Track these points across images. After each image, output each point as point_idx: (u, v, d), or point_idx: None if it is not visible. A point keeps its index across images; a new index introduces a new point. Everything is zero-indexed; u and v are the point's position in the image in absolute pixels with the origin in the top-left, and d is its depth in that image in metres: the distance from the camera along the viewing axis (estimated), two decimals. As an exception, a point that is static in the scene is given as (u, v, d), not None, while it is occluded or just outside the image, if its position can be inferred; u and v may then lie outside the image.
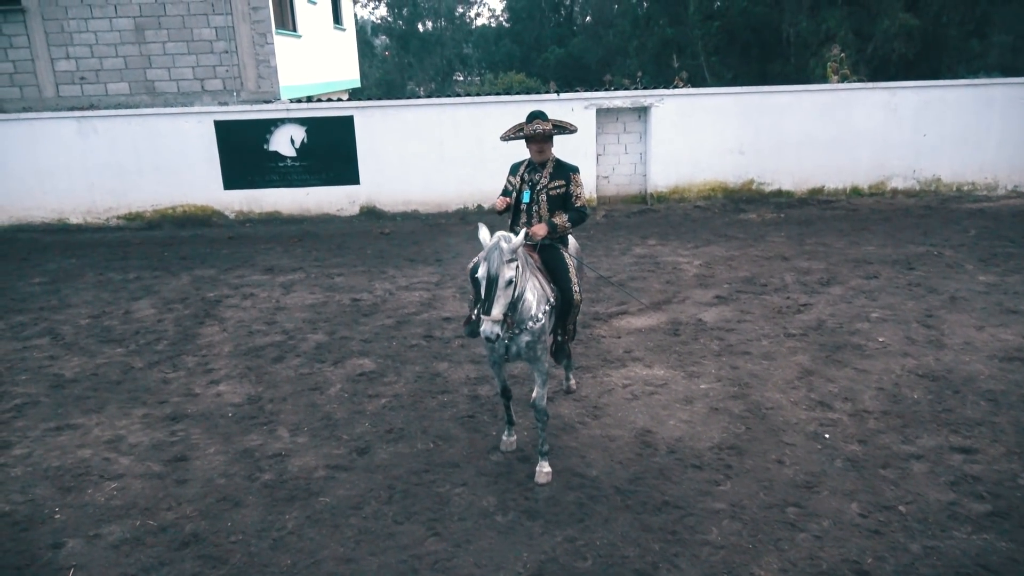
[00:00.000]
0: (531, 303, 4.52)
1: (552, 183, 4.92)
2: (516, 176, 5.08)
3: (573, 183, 4.95)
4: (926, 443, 5.01)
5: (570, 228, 4.96)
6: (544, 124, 4.83)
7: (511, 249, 4.15)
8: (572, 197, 4.94)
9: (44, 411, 5.97)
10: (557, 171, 4.95)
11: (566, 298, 4.88)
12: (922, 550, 3.92)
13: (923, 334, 6.95)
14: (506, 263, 4.14)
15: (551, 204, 4.92)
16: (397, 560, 3.99)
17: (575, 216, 4.96)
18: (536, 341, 4.58)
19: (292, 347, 7.19)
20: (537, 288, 4.64)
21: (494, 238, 4.24)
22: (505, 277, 4.12)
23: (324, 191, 13.23)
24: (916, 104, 13.27)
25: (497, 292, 4.12)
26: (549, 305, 4.68)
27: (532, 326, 4.53)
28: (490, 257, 4.15)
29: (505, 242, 4.18)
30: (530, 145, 4.89)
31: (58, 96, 14.32)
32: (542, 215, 4.93)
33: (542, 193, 4.91)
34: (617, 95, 13.36)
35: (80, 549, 4.18)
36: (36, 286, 9.70)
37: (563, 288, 4.87)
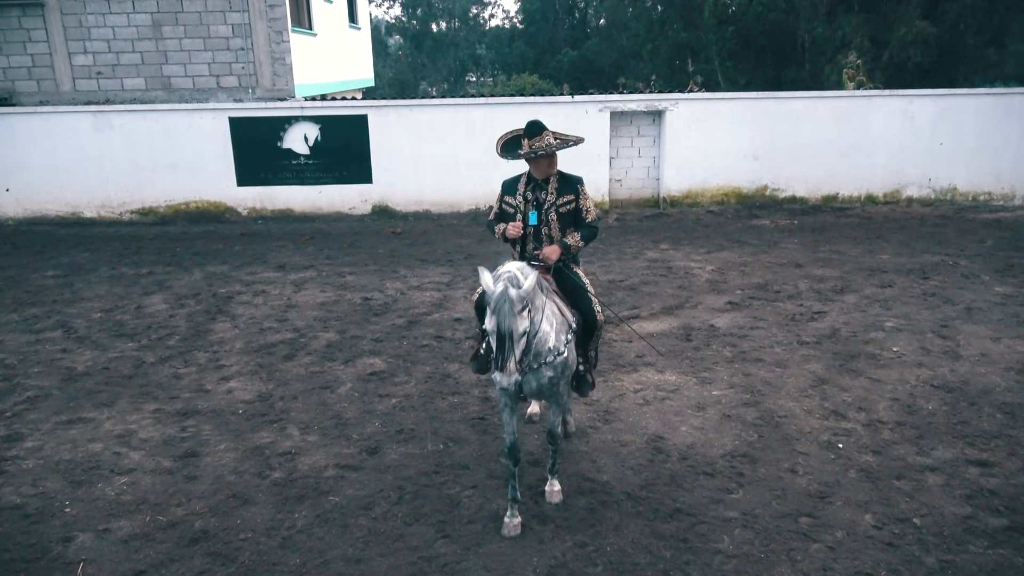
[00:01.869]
0: (549, 334, 4.03)
1: (560, 199, 4.47)
2: (516, 196, 4.56)
3: (582, 196, 4.52)
4: (941, 455, 4.96)
5: (583, 247, 4.56)
6: (546, 138, 4.39)
7: (522, 296, 3.61)
8: (583, 212, 4.52)
9: (56, 404, 5.99)
10: (563, 185, 4.51)
11: (588, 321, 4.46)
12: (937, 564, 3.87)
13: (938, 344, 6.88)
14: (518, 314, 3.62)
15: (562, 222, 4.48)
16: (407, 562, 3.97)
17: (588, 233, 4.54)
18: (559, 377, 4.13)
19: (303, 345, 7.19)
20: (556, 315, 4.14)
21: (499, 284, 3.67)
22: (519, 330, 3.63)
23: (337, 189, 13.26)
24: (933, 112, 13.17)
25: (511, 346, 3.63)
26: (571, 333, 4.24)
27: (553, 359, 4.05)
28: (499, 310, 3.59)
29: (514, 288, 3.62)
30: (532, 162, 4.45)
31: (75, 90, 14.41)
32: (553, 236, 4.48)
33: (551, 212, 4.46)
34: (631, 98, 13.32)
35: (90, 543, 4.18)
36: (50, 279, 9.75)
37: (584, 311, 4.44)
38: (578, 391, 4.69)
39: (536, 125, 4.43)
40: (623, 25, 38.18)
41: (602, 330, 4.64)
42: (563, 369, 4.13)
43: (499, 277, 3.75)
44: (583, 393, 4.74)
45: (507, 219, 4.60)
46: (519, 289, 3.64)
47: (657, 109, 13.24)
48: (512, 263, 3.95)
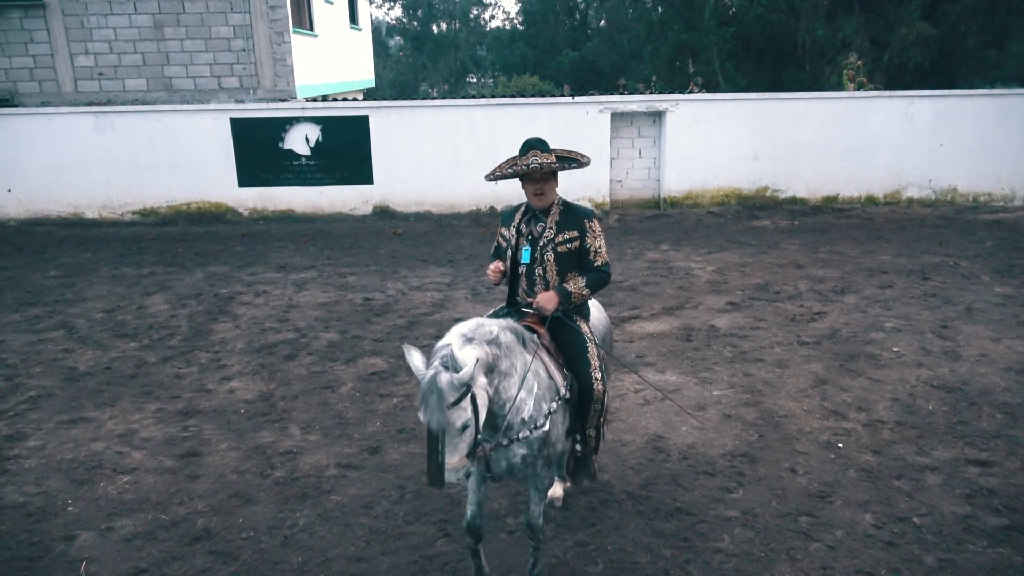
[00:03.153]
0: (525, 402, 3.31)
1: (560, 235, 3.69)
2: (511, 228, 3.81)
3: (589, 233, 3.72)
4: (941, 455, 4.97)
5: (588, 296, 3.79)
6: (543, 157, 3.58)
7: (455, 384, 2.86)
8: (589, 252, 3.73)
9: (58, 403, 6.01)
10: (566, 218, 3.72)
11: (583, 388, 3.66)
12: (937, 563, 3.88)
13: (938, 345, 6.89)
14: (450, 407, 2.86)
15: (561, 263, 3.70)
16: (408, 560, 3.98)
17: (595, 279, 3.75)
18: (535, 456, 3.36)
19: (304, 345, 7.21)
20: (541, 377, 3.43)
21: (431, 368, 2.91)
22: (455, 425, 2.91)
23: (338, 190, 13.28)
24: (933, 113, 13.19)
25: (448, 443, 2.92)
26: (559, 400, 3.48)
27: (528, 434, 3.31)
28: (427, 401, 2.86)
29: (446, 374, 2.86)
30: (526, 186, 3.68)
31: (76, 91, 14.44)
32: (549, 279, 3.72)
33: (548, 250, 3.69)
34: (632, 99, 13.34)
35: (92, 542, 4.19)
36: (51, 279, 9.77)
37: (580, 375, 3.65)
38: (572, 478, 4.03)
39: (529, 143, 3.66)
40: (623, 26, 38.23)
41: (604, 404, 3.77)
42: (540, 446, 3.37)
43: (435, 353, 3.01)
44: (577, 483, 4.05)
45: (502, 255, 3.87)
46: (456, 373, 2.88)
47: (657, 110, 13.26)
48: (466, 323, 3.24)
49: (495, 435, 3.26)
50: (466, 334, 3.13)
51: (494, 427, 3.25)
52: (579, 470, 3.94)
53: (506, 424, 3.27)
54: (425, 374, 2.92)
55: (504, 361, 3.21)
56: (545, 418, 3.37)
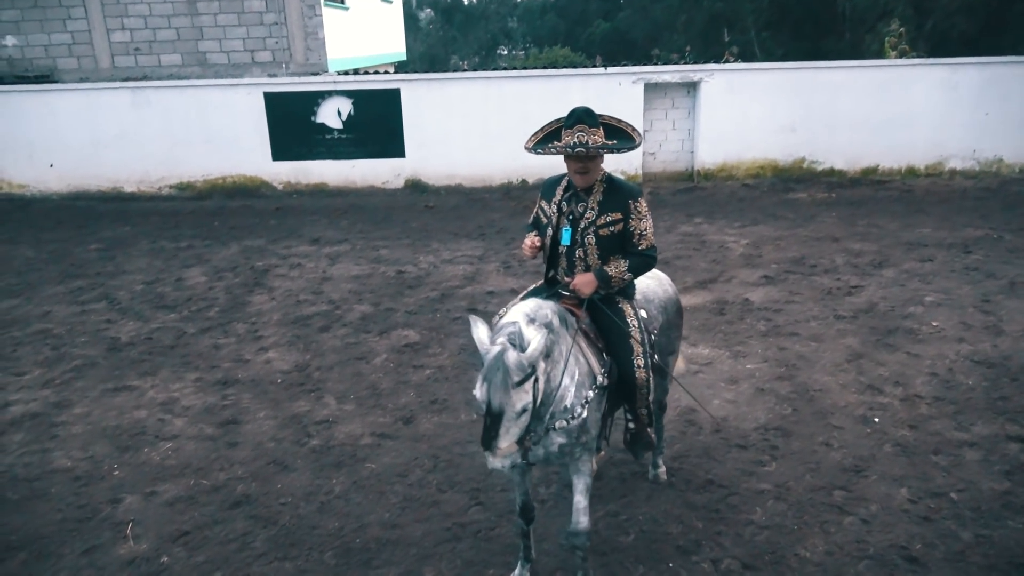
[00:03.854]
0: (568, 390, 3.18)
1: (603, 217, 3.42)
2: (551, 203, 3.58)
3: (634, 215, 3.43)
4: (980, 431, 4.89)
5: (629, 280, 3.52)
6: (591, 133, 3.29)
7: (523, 365, 2.78)
8: (633, 235, 3.45)
9: (102, 372, 6.18)
10: (610, 198, 3.44)
11: (624, 376, 3.46)
12: (974, 538, 3.84)
13: (980, 319, 6.74)
14: (515, 387, 2.78)
15: (603, 246, 3.45)
16: (441, 527, 4.05)
17: (637, 263, 3.47)
18: (574, 443, 3.26)
19: (338, 317, 7.30)
20: (581, 363, 3.28)
21: (496, 344, 2.84)
22: (515, 407, 2.82)
23: (370, 164, 13.33)
24: (978, 82, 12.77)
25: (504, 425, 2.84)
26: (596, 388, 3.31)
27: (567, 423, 3.19)
28: (490, 378, 2.78)
29: (514, 352, 2.79)
30: (568, 161, 3.41)
31: (113, 67, 14.63)
32: (590, 263, 3.49)
33: (589, 232, 3.44)
34: (666, 69, 13.13)
35: (137, 505, 4.34)
36: (93, 253, 10.00)
37: (620, 362, 3.45)
38: (631, 451, 3.81)
39: (575, 114, 3.35)
40: (657, -4, 37.49)
41: (649, 390, 3.55)
42: (578, 434, 3.24)
43: (500, 330, 2.92)
44: (636, 455, 3.86)
45: (541, 230, 3.63)
46: (522, 353, 2.80)
47: (692, 80, 13.03)
48: (527, 303, 3.13)
49: (538, 424, 3.12)
50: (529, 314, 3.00)
51: (538, 416, 3.07)
52: (635, 444, 3.74)
53: (546, 412, 3.12)
54: (491, 350, 2.81)
55: (556, 348, 3.09)
56: (583, 407, 3.23)
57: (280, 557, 3.84)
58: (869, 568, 3.65)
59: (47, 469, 4.72)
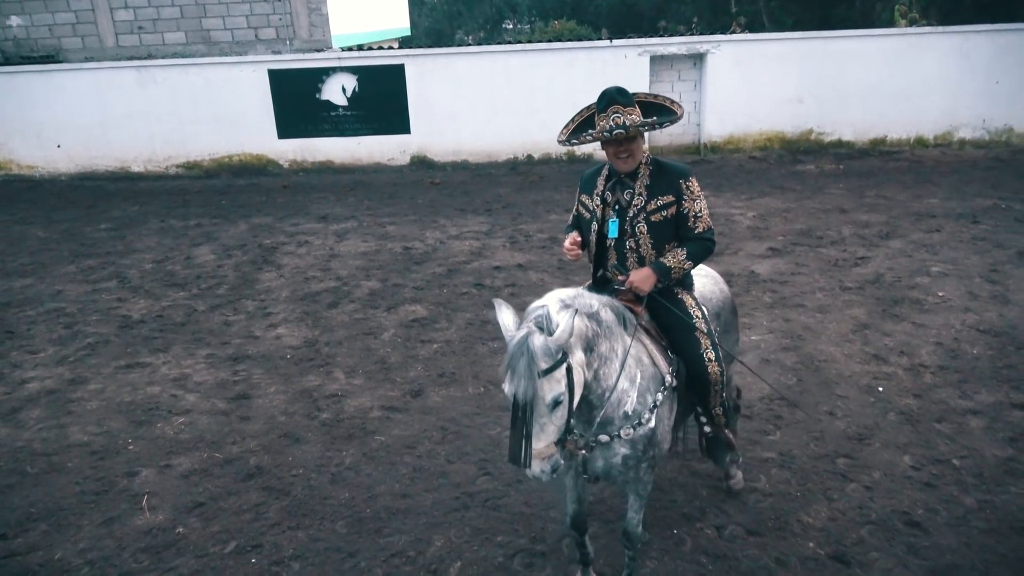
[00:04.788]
0: (627, 393, 2.87)
1: (653, 202, 3.15)
2: (593, 196, 3.29)
3: (687, 196, 3.16)
4: (984, 399, 4.92)
5: (690, 269, 3.24)
6: (626, 113, 3.05)
7: (550, 349, 2.48)
8: (688, 218, 3.17)
9: (115, 350, 6.27)
10: (658, 180, 3.17)
11: (695, 373, 3.19)
12: (976, 504, 3.89)
13: (987, 289, 6.74)
14: (542, 375, 2.46)
15: (656, 234, 3.17)
16: (450, 496, 4.13)
17: (697, 249, 3.19)
18: (640, 457, 2.93)
19: (346, 293, 7.36)
20: (644, 365, 2.97)
21: (523, 327, 2.55)
22: (546, 400, 2.50)
23: (375, 140, 13.32)
24: (990, 50, 12.60)
25: (535, 419, 2.51)
26: (664, 390, 3.01)
27: (630, 433, 2.87)
28: (514, 367, 2.47)
29: (540, 336, 2.49)
30: (606, 148, 3.17)
31: (118, 46, 14.61)
32: (643, 254, 3.20)
33: (639, 220, 3.16)
34: (672, 41, 13.01)
35: (153, 478, 4.43)
36: (103, 232, 10.08)
37: (689, 359, 3.18)
38: (710, 456, 3.57)
39: (607, 95, 3.09)
40: (664, -34, 36.90)
41: (724, 387, 3.29)
42: (645, 446, 2.93)
43: (528, 314, 2.63)
44: (716, 460, 3.59)
45: (584, 227, 3.34)
46: (550, 336, 2.50)
47: (698, 52, 12.91)
48: (565, 289, 2.82)
49: (588, 429, 2.85)
50: (564, 300, 2.70)
51: (588, 420, 2.83)
52: (715, 449, 3.47)
53: (603, 418, 2.83)
54: (515, 335, 2.53)
55: (604, 342, 2.77)
56: (651, 412, 2.91)
57: (293, 527, 3.93)
58: (871, 533, 3.71)
59: (64, 444, 4.82)
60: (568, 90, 12.64)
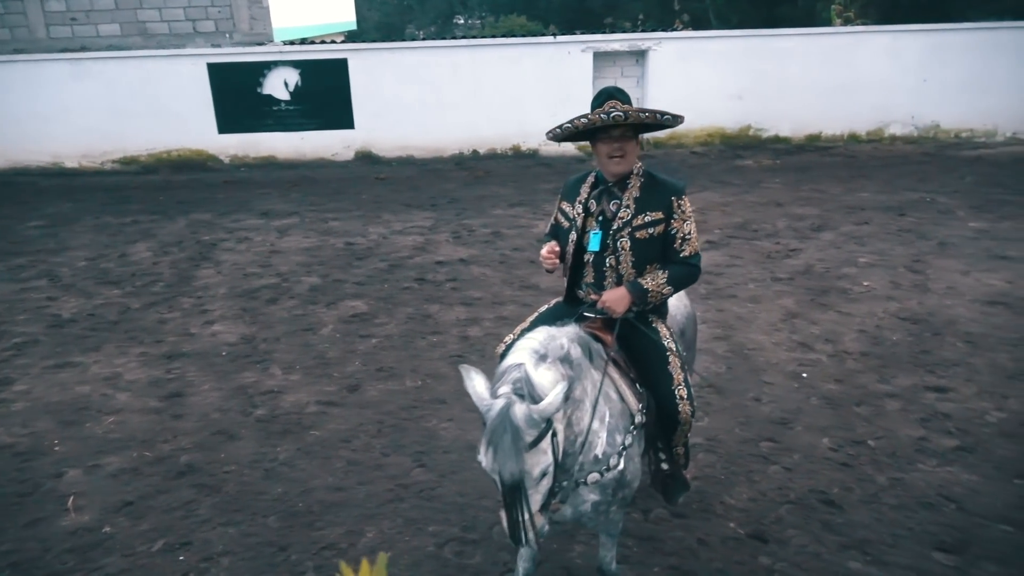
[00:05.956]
0: (597, 435, 2.62)
1: (641, 217, 2.91)
2: (575, 204, 3.04)
3: (677, 215, 2.92)
4: (902, 382, 5.14)
5: (669, 295, 2.97)
6: (625, 107, 2.80)
7: (534, 420, 2.24)
8: (675, 239, 2.92)
9: (43, 349, 6.11)
10: (649, 195, 2.93)
11: (664, 410, 2.93)
12: (888, 481, 4.08)
13: (909, 279, 7.03)
14: (528, 450, 2.23)
15: (639, 253, 2.92)
16: (384, 489, 4.15)
17: (679, 274, 2.94)
18: (611, 500, 2.73)
19: (286, 289, 7.30)
20: (613, 401, 2.71)
21: (500, 399, 2.27)
22: (533, 473, 2.28)
23: (319, 135, 13.18)
24: (920, 48, 13.09)
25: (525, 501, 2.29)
26: (634, 429, 2.76)
27: (600, 476, 2.64)
28: (496, 442, 2.20)
29: (522, 406, 2.23)
30: (599, 145, 2.92)
31: (49, 37, 14.14)
32: (623, 272, 2.95)
33: (623, 235, 2.91)
34: (614, 38, 13.17)
35: (80, 478, 4.35)
36: (34, 229, 9.77)
37: (660, 395, 2.92)
38: (664, 496, 3.24)
39: (605, 92, 2.89)
40: (613, -37, 37.22)
41: (691, 426, 3.08)
42: (615, 489, 2.71)
43: (503, 376, 2.36)
44: (670, 499, 3.25)
45: (562, 237, 3.07)
46: (535, 404, 2.25)
47: (640, 49, 13.11)
48: (535, 334, 2.53)
49: (565, 478, 2.57)
50: (538, 350, 2.43)
51: (563, 468, 2.52)
52: (670, 487, 3.18)
53: (574, 465, 2.56)
54: (492, 405, 2.25)
55: (577, 386, 2.51)
56: (619, 456, 2.66)
57: (224, 523, 3.91)
58: (789, 512, 3.86)
59: (-13, 446, 4.69)
60: (514, 85, 12.73)
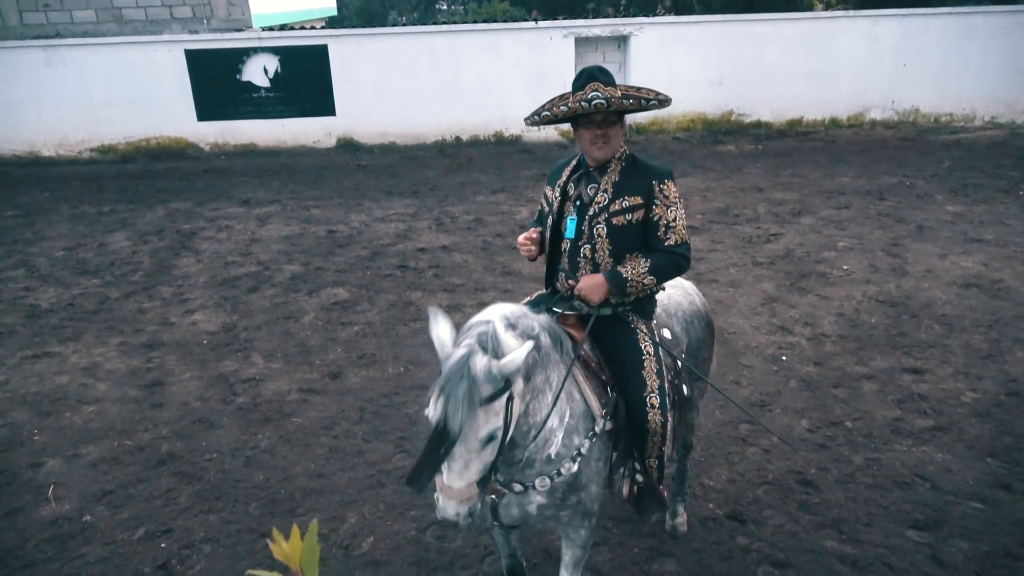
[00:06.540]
0: (555, 433, 2.47)
1: (618, 202, 2.71)
2: (555, 187, 2.87)
3: (659, 200, 2.71)
4: (879, 364, 5.21)
5: (651, 286, 2.75)
6: (609, 91, 2.61)
7: (494, 376, 2.11)
8: (658, 227, 2.72)
9: (21, 340, 6.05)
10: (628, 179, 2.74)
11: (633, 417, 2.71)
12: (864, 461, 4.14)
13: (887, 262, 7.10)
14: (482, 404, 2.10)
15: (616, 240, 2.72)
16: (365, 475, 4.16)
17: (663, 263, 2.71)
18: (559, 504, 2.55)
19: (267, 278, 7.26)
20: (576, 400, 2.56)
21: (463, 342, 2.19)
22: (480, 434, 2.14)
23: (300, 123, 13.07)
24: (898, 33, 13.16)
25: (461, 455, 2.15)
26: (594, 436, 2.57)
27: (551, 479, 2.48)
28: (449, 391, 2.09)
29: (484, 357, 2.13)
30: (581, 131, 2.73)
31: (22, 24, 13.88)
32: (599, 261, 2.75)
33: (599, 221, 2.72)
34: (596, 23, 13.14)
35: (59, 468, 4.32)
36: (9, 219, 9.64)
37: (629, 400, 2.70)
38: (638, 511, 2.99)
39: (586, 73, 2.68)
40: (595, -52, 37.01)
41: (664, 438, 2.78)
42: (565, 493, 2.54)
43: (469, 329, 2.25)
44: (643, 514, 3.00)
45: (543, 223, 2.93)
46: (495, 359, 2.14)
47: (622, 34, 13.08)
48: (507, 305, 2.42)
49: (508, 470, 2.46)
50: (509, 318, 2.31)
51: (508, 460, 2.43)
52: (642, 501, 2.92)
53: (525, 458, 2.44)
54: (452, 353, 2.16)
55: (540, 372, 2.36)
56: (573, 460, 2.50)
57: (205, 510, 3.90)
58: (766, 492, 3.91)
59: (-36, 437, 4.65)
60: (494, 72, 12.67)
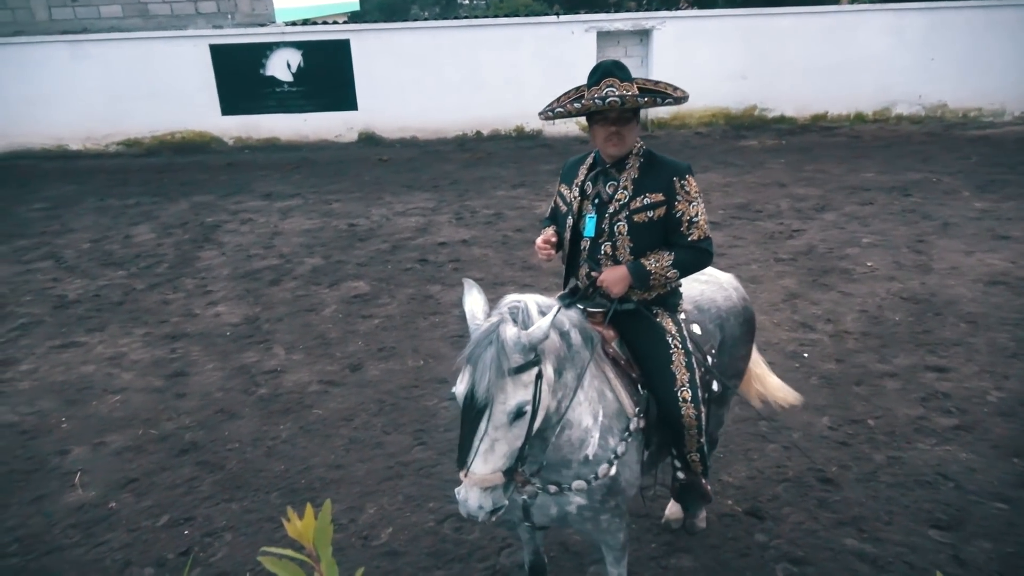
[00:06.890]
0: (589, 433, 2.45)
1: (639, 199, 2.66)
2: (572, 186, 2.82)
3: (681, 196, 2.67)
4: (902, 362, 5.15)
5: (674, 279, 2.74)
6: (624, 87, 2.57)
7: (524, 345, 2.11)
8: (680, 223, 2.67)
9: (48, 330, 6.16)
10: (648, 176, 2.68)
11: (666, 414, 2.68)
12: (885, 459, 4.10)
13: (911, 259, 7.01)
14: (511, 374, 2.09)
15: (637, 239, 2.68)
16: (384, 467, 4.20)
17: (686, 257, 2.67)
18: (599, 508, 2.51)
19: (288, 270, 7.32)
20: (608, 400, 2.53)
21: (494, 313, 2.24)
22: (508, 406, 2.11)
23: (322, 117, 13.14)
24: (924, 26, 12.95)
25: (486, 431, 2.12)
26: (628, 436, 2.54)
27: (588, 481, 2.45)
28: (478, 356, 2.10)
29: (514, 327, 2.14)
30: (596, 128, 2.67)
31: (50, 19, 14.09)
32: (620, 258, 2.70)
33: (620, 218, 2.67)
34: (618, 17, 13.07)
35: (85, 455, 4.40)
36: (37, 212, 9.80)
37: (660, 396, 2.67)
38: (681, 504, 3.04)
39: (602, 68, 2.63)
40: (618, -59, 36.79)
41: (701, 430, 2.74)
42: (604, 497, 2.49)
43: (502, 303, 2.29)
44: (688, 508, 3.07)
45: (560, 222, 2.88)
46: (525, 331, 2.14)
47: (644, 28, 13.00)
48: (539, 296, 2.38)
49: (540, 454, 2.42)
50: (540, 305, 2.30)
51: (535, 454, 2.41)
52: (688, 496, 2.96)
53: (560, 459, 2.43)
54: (483, 323, 2.17)
55: (570, 370, 2.37)
56: (610, 463, 2.46)
57: (226, 499, 3.96)
58: (786, 489, 3.89)
59: (-7, 425, 4.75)
60: (515, 66, 12.66)
